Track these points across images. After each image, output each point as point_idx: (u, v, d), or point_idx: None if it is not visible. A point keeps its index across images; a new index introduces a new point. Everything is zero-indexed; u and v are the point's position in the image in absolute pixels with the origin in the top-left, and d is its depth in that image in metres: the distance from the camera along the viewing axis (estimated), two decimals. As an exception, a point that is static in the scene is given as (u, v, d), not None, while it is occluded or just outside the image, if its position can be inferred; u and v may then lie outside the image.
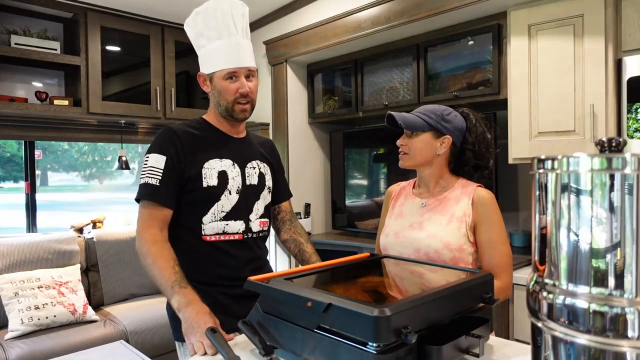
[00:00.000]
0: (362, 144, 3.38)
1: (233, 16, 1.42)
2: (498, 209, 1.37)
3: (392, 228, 1.46)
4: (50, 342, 2.54)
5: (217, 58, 1.41)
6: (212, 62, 1.42)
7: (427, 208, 1.42)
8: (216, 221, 1.41)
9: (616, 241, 0.62)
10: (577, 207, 0.66)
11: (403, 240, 1.40)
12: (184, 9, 3.29)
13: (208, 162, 1.41)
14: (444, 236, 1.33)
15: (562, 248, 0.68)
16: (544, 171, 0.71)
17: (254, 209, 1.49)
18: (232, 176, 1.44)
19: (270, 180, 1.57)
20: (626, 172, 0.61)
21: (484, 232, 1.33)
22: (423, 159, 1.39)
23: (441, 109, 1.40)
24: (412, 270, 1.23)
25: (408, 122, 1.37)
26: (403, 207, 1.48)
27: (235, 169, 1.46)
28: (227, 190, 1.42)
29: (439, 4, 2.40)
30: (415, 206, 1.45)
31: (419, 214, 1.42)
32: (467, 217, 1.34)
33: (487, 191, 1.38)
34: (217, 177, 1.41)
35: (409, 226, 1.41)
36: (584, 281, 0.65)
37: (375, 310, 0.81)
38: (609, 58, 1.98)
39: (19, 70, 3.14)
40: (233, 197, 1.43)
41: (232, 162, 1.46)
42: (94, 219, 3.48)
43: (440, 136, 1.38)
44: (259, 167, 1.54)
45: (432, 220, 1.38)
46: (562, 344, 0.68)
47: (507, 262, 1.33)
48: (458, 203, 1.37)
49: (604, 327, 0.63)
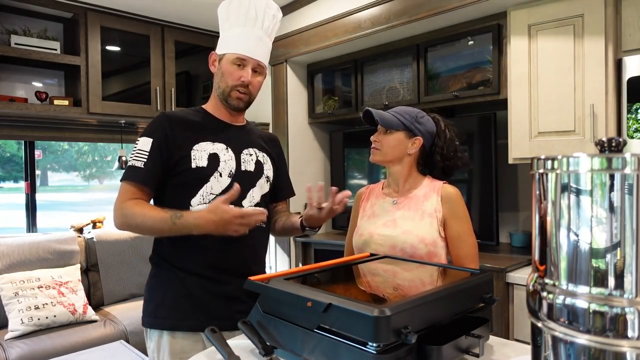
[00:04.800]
0: (362, 144, 3.38)
1: (264, 13, 1.45)
2: (464, 203, 1.46)
3: (365, 228, 1.51)
4: (50, 342, 2.54)
5: (233, 42, 1.43)
6: (227, 44, 1.44)
7: (398, 206, 1.49)
8: (205, 203, 1.38)
9: (616, 241, 0.62)
10: (577, 207, 0.66)
11: (378, 239, 1.46)
12: (184, 9, 3.29)
13: (199, 145, 1.40)
14: (419, 231, 1.41)
15: (562, 248, 0.68)
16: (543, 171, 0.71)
17: (248, 195, 1.46)
18: (224, 159, 1.43)
19: (270, 170, 1.55)
20: (626, 172, 0.61)
21: (453, 225, 1.42)
22: (393, 156, 1.47)
23: (415, 111, 1.49)
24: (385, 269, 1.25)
25: (384, 120, 1.45)
26: (374, 207, 1.54)
27: (229, 152, 1.44)
28: (218, 172, 1.40)
29: (439, 4, 2.40)
30: (386, 205, 1.52)
31: (391, 212, 1.49)
32: (437, 213, 1.42)
33: (453, 187, 1.47)
34: (207, 159, 1.40)
35: (383, 224, 1.47)
36: (583, 281, 0.65)
37: (375, 310, 0.81)
38: (609, 58, 1.98)
39: (19, 70, 3.14)
40: (224, 180, 1.41)
41: (226, 146, 1.45)
42: (94, 219, 3.48)
43: (412, 137, 1.46)
44: (257, 155, 1.52)
45: (404, 218, 1.45)
46: (562, 344, 0.68)
47: (474, 252, 1.45)
48: (427, 200, 1.45)
49: (604, 327, 0.63)
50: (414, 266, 1.25)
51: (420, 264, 1.28)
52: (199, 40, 3.69)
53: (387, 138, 1.47)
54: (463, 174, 2.61)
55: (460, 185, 1.60)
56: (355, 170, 3.40)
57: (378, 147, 1.48)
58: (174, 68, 3.52)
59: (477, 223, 2.48)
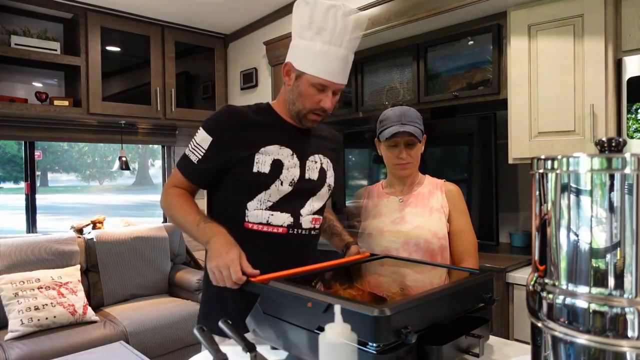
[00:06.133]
0: (362, 144, 3.38)
1: (352, 27, 1.32)
2: (464, 200, 1.53)
3: (373, 227, 1.53)
4: (50, 343, 2.53)
5: (317, 62, 1.30)
6: (309, 63, 1.31)
7: (405, 204, 1.52)
8: (261, 209, 1.33)
9: (616, 241, 0.62)
10: (577, 207, 0.66)
11: (389, 235, 1.48)
12: (184, 10, 3.29)
13: (265, 148, 1.33)
14: (431, 226, 1.45)
15: (562, 248, 0.68)
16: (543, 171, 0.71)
17: (308, 204, 1.39)
18: (288, 167, 1.35)
19: (332, 178, 1.47)
20: (626, 172, 0.61)
21: (455, 221, 1.48)
22: (418, 163, 1.52)
23: (416, 112, 1.51)
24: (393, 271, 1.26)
25: (419, 135, 1.46)
26: (379, 207, 1.56)
27: (294, 159, 1.37)
28: (279, 181, 1.33)
29: (439, 4, 2.40)
30: (391, 204, 1.54)
31: (398, 210, 1.51)
32: (444, 209, 1.48)
33: (454, 184, 1.53)
34: (270, 165, 1.33)
35: (391, 222, 1.50)
36: (583, 281, 0.65)
37: (375, 311, 0.81)
38: (609, 58, 1.98)
39: (19, 70, 3.14)
40: (284, 189, 1.34)
41: (292, 152, 1.37)
42: (94, 220, 3.47)
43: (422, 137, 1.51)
44: (321, 161, 1.44)
45: (413, 214, 1.48)
46: (562, 344, 0.68)
47: (474, 247, 1.50)
48: (433, 196, 1.50)
49: (603, 327, 0.63)
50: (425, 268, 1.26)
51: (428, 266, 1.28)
52: (199, 40, 3.69)
53: (415, 150, 1.49)
54: (463, 174, 2.62)
55: (460, 185, 1.60)
56: (355, 170, 3.40)
57: (410, 161, 1.49)
58: (174, 68, 3.52)
59: (477, 223, 2.48)
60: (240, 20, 3.49)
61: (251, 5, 3.24)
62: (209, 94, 3.83)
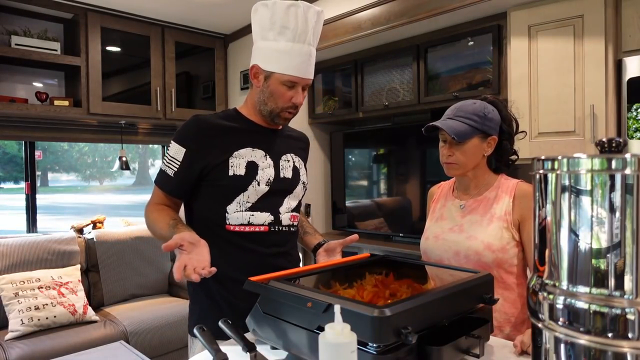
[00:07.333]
0: (362, 144, 3.38)
1: (313, 22, 1.35)
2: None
3: (432, 231, 1.43)
4: (50, 342, 2.53)
5: (283, 61, 1.33)
6: (276, 62, 1.34)
7: (467, 210, 1.37)
8: (241, 211, 1.36)
9: (616, 241, 0.62)
10: (577, 208, 0.66)
11: (443, 244, 1.37)
12: (184, 10, 3.29)
13: (238, 151, 1.37)
14: (485, 237, 1.29)
15: (562, 248, 0.68)
16: (544, 172, 0.71)
17: (285, 202, 1.44)
18: (263, 167, 1.39)
19: (305, 175, 1.52)
20: (626, 173, 0.62)
21: (527, 228, 1.27)
22: (472, 165, 1.34)
23: (480, 107, 1.33)
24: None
25: (458, 133, 1.28)
26: (443, 210, 1.44)
27: (267, 160, 1.41)
28: (256, 181, 1.37)
29: (439, 5, 2.40)
30: (454, 208, 1.41)
31: (459, 216, 1.38)
32: (508, 216, 1.29)
33: (530, 185, 1.27)
34: (245, 167, 1.36)
35: (449, 229, 1.38)
36: (584, 282, 0.65)
37: (375, 311, 0.81)
38: (609, 58, 1.98)
39: (19, 70, 3.14)
40: (261, 189, 1.38)
41: (265, 153, 1.41)
42: (94, 219, 3.47)
43: (487, 137, 1.33)
44: (294, 160, 1.49)
45: (472, 222, 1.34)
46: (562, 345, 0.68)
47: None
48: (498, 202, 1.32)
49: (604, 328, 0.63)
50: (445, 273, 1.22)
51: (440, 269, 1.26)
52: (199, 40, 3.69)
53: (462, 149, 1.31)
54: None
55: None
56: (355, 171, 3.40)
57: (454, 162, 1.33)
58: (174, 69, 3.52)
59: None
60: (240, 20, 3.49)
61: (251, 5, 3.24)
62: (209, 94, 3.83)
